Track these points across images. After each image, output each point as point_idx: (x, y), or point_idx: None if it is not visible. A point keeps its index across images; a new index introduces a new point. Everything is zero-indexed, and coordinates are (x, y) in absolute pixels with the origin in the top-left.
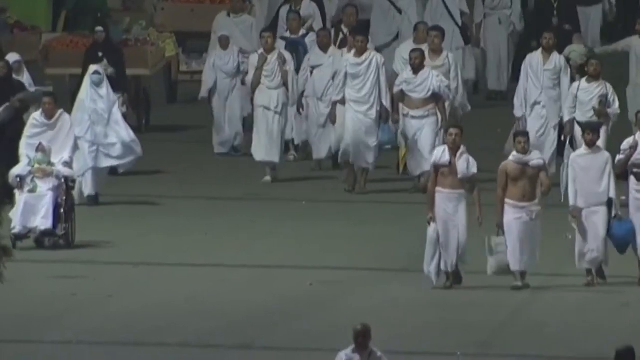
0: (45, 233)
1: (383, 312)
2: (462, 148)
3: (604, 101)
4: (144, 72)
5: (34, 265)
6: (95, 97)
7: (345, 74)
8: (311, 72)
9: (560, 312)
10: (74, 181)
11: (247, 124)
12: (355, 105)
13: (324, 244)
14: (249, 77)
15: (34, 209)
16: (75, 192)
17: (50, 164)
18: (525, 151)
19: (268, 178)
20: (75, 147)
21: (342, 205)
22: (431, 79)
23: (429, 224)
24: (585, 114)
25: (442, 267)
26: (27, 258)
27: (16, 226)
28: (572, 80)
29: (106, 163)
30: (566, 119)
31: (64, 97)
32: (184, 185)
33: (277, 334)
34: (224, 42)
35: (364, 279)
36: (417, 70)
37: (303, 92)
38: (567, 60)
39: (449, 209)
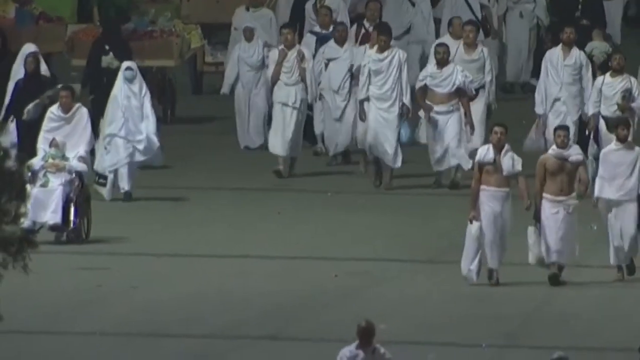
0: (54, 227)
1: (410, 304)
2: (507, 146)
3: (627, 96)
4: (169, 64)
5: (57, 257)
6: (129, 93)
7: (369, 70)
8: (326, 65)
9: (586, 303)
10: (105, 177)
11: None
12: (377, 102)
13: (350, 235)
14: (269, 72)
15: (43, 204)
16: (106, 188)
17: (64, 158)
18: (565, 145)
19: (280, 167)
20: (92, 142)
21: (368, 197)
22: (456, 73)
23: (471, 222)
24: (609, 109)
25: (490, 264)
26: (50, 250)
27: (25, 221)
28: (595, 77)
29: (138, 158)
30: (590, 113)
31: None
32: (209, 177)
33: (303, 325)
34: (249, 34)
35: (391, 271)
36: (443, 65)
37: (319, 84)
38: (590, 57)
39: (496, 207)
